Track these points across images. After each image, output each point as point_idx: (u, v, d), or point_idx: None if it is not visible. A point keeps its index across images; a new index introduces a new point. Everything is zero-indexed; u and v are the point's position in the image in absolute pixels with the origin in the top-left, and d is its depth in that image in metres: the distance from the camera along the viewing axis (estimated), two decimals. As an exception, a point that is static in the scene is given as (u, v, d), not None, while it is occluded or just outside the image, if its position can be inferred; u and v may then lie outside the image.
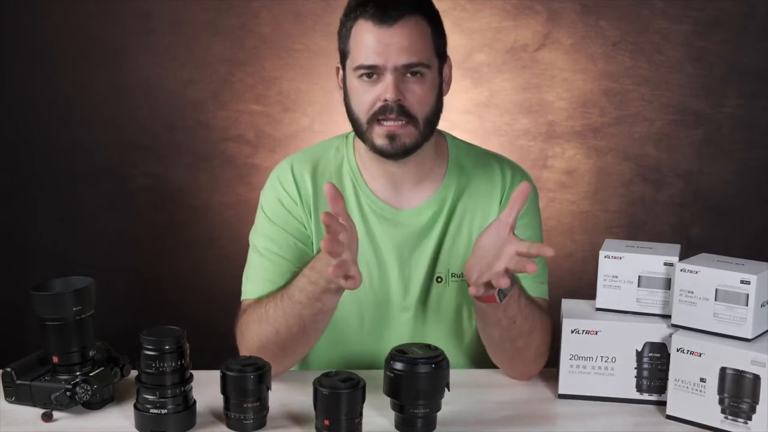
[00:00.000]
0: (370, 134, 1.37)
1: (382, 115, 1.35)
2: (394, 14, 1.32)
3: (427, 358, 1.20)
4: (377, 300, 1.47)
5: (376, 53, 1.33)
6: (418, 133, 1.37)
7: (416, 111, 1.35)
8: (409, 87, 1.35)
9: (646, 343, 1.32)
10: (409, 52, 1.33)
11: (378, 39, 1.33)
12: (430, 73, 1.37)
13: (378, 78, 1.34)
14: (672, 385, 1.27)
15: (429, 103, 1.37)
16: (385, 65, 1.33)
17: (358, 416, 1.19)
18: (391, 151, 1.37)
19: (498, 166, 1.50)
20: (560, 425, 1.30)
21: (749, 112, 2.44)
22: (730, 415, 1.22)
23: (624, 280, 1.35)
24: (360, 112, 1.37)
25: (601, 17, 2.41)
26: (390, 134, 1.35)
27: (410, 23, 1.33)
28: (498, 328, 1.34)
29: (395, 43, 1.32)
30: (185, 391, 1.22)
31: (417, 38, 1.34)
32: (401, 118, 1.34)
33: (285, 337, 1.33)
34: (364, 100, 1.36)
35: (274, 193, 1.47)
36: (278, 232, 1.45)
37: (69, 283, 1.29)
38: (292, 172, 1.47)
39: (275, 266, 1.42)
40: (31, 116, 2.44)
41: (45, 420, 1.26)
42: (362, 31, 1.34)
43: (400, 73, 1.34)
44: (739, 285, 1.23)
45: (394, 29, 1.32)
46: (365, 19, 1.34)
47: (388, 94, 1.33)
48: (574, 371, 1.34)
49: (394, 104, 1.33)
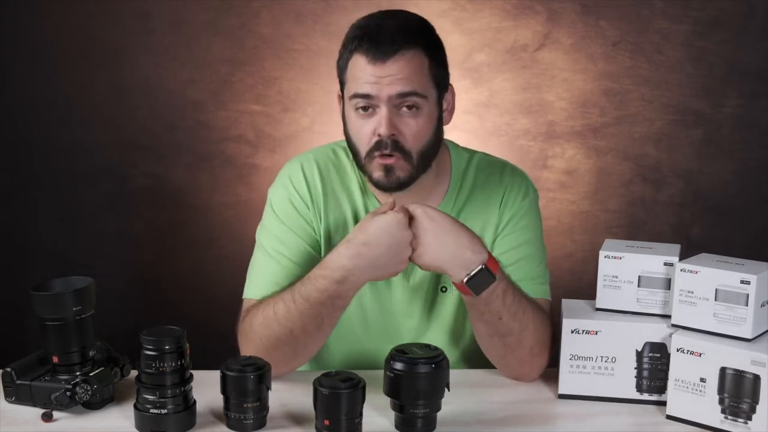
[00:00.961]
0: (369, 168, 1.37)
1: (377, 150, 1.34)
2: (388, 50, 1.31)
3: (427, 358, 1.20)
4: (383, 308, 1.48)
5: (370, 84, 1.33)
6: (412, 168, 1.36)
7: (410, 146, 1.35)
8: (404, 120, 1.34)
9: (646, 343, 1.32)
10: (403, 83, 1.32)
11: (371, 73, 1.32)
12: (427, 105, 1.36)
13: (373, 111, 1.34)
14: (672, 385, 1.27)
15: (425, 137, 1.36)
16: (378, 95, 1.32)
17: (358, 416, 1.19)
18: (387, 184, 1.37)
19: (498, 173, 1.50)
20: (560, 425, 1.30)
21: (749, 112, 2.44)
22: (730, 415, 1.22)
23: (624, 280, 1.35)
24: (359, 147, 1.37)
25: (601, 17, 2.41)
26: (386, 167, 1.35)
27: (406, 57, 1.32)
28: (482, 322, 1.35)
29: (389, 76, 1.32)
30: (185, 391, 1.22)
31: (412, 71, 1.33)
32: (395, 153, 1.34)
33: (299, 337, 1.33)
34: (361, 133, 1.36)
35: (285, 192, 1.47)
36: (288, 233, 1.44)
37: (69, 283, 1.29)
38: (304, 173, 1.47)
39: (282, 268, 1.42)
40: (32, 116, 2.44)
41: (45, 420, 1.26)
42: (357, 66, 1.34)
43: (394, 106, 1.33)
44: (739, 285, 1.23)
45: (387, 64, 1.32)
46: (360, 55, 1.33)
47: (382, 129, 1.33)
48: (574, 371, 1.34)
49: (388, 140, 1.33)
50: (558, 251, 2.48)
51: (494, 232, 1.46)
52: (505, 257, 1.43)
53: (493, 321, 1.33)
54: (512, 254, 1.44)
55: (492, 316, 1.33)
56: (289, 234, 1.44)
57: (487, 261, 1.29)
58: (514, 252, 1.44)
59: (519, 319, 1.34)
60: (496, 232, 1.46)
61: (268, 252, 1.44)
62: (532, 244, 1.46)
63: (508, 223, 1.46)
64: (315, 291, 1.30)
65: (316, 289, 1.30)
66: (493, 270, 1.29)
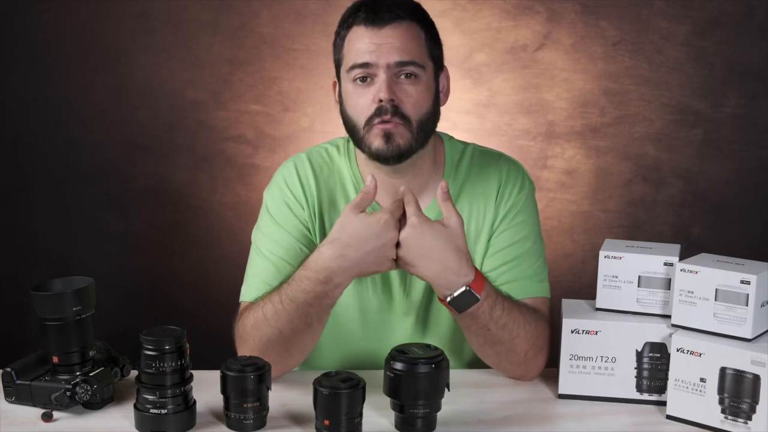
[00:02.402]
0: (367, 138, 1.36)
1: (378, 117, 1.34)
2: (386, 16, 1.34)
3: (427, 358, 1.20)
4: (380, 307, 1.48)
5: (369, 52, 1.34)
6: (412, 136, 1.35)
7: (410, 113, 1.35)
8: (403, 88, 1.35)
9: (646, 343, 1.32)
10: (401, 51, 1.34)
11: (370, 39, 1.34)
12: (425, 74, 1.37)
13: (371, 81, 1.35)
14: (672, 385, 1.27)
15: (424, 105, 1.37)
16: (377, 63, 1.33)
17: (358, 416, 1.19)
18: (387, 152, 1.35)
19: (494, 164, 1.49)
20: (560, 425, 1.30)
21: (749, 112, 2.44)
22: (730, 415, 1.22)
23: (624, 280, 1.35)
24: (356, 117, 1.37)
25: (601, 17, 2.41)
26: (386, 133, 1.34)
27: (403, 25, 1.35)
28: (471, 333, 1.35)
29: (387, 43, 1.33)
30: (185, 391, 1.22)
31: (410, 39, 1.35)
32: (395, 118, 1.34)
33: (290, 337, 1.33)
34: (359, 103, 1.36)
35: (280, 194, 1.47)
36: (283, 235, 1.44)
37: (69, 283, 1.29)
38: (298, 174, 1.47)
39: (278, 270, 1.42)
40: (32, 116, 2.44)
41: (45, 420, 1.26)
42: (355, 36, 1.36)
43: (393, 74, 1.34)
44: (739, 285, 1.23)
45: (386, 30, 1.34)
46: (358, 24, 1.36)
47: (382, 94, 1.33)
48: (574, 371, 1.34)
49: (388, 104, 1.33)
50: (558, 251, 2.48)
51: (491, 228, 1.46)
52: (502, 255, 1.43)
53: (481, 332, 1.33)
54: (509, 252, 1.44)
55: (479, 329, 1.33)
56: (285, 235, 1.44)
57: (473, 282, 1.27)
58: (511, 249, 1.44)
59: (509, 329, 1.33)
60: (492, 228, 1.46)
61: (263, 254, 1.44)
62: (529, 240, 1.45)
63: (504, 218, 1.45)
64: (301, 292, 1.30)
65: (302, 290, 1.30)
66: (478, 291, 1.27)
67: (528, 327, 1.36)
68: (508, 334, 1.34)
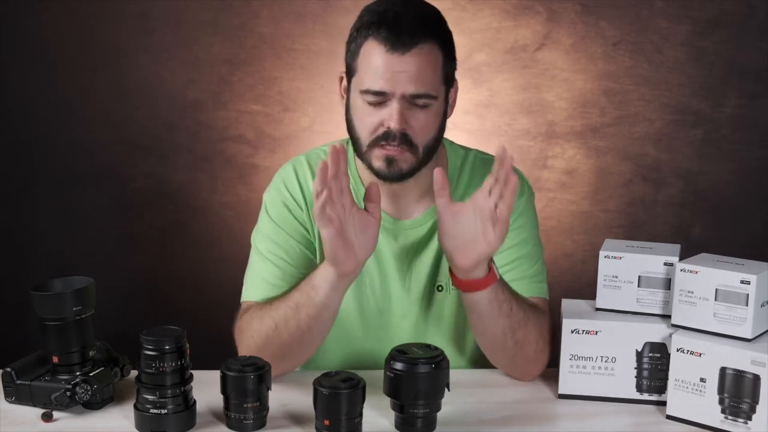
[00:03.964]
0: (369, 156, 1.36)
1: (384, 140, 1.33)
2: (407, 41, 1.29)
3: (427, 358, 1.20)
4: (380, 308, 1.48)
5: (384, 79, 1.30)
6: (416, 160, 1.36)
7: (418, 140, 1.34)
8: (414, 115, 1.33)
9: (646, 343, 1.32)
10: (418, 83, 1.31)
11: (387, 65, 1.30)
12: (437, 102, 1.35)
13: (383, 103, 1.33)
14: (672, 385, 1.27)
15: (432, 131, 1.36)
16: (393, 92, 1.31)
17: (358, 416, 1.19)
18: (387, 174, 1.36)
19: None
20: (560, 425, 1.30)
21: (749, 112, 2.44)
22: (730, 415, 1.22)
23: (624, 280, 1.35)
24: (362, 134, 1.36)
25: (601, 17, 2.41)
26: (389, 158, 1.34)
27: (423, 51, 1.31)
28: (501, 317, 1.33)
29: (405, 72, 1.30)
30: (185, 391, 1.22)
31: (427, 68, 1.32)
32: (402, 146, 1.33)
33: (283, 334, 1.33)
34: (367, 122, 1.34)
35: (279, 196, 1.47)
36: (282, 235, 1.44)
37: (69, 283, 1.29)
38: (297, 176, 1.47)
39: (278, 269, 1.42)
40: (32, 116, 2.44)
41: (45, 420, 1.26)
42: (372, 53, 1.32)
43: (406, 102, 1.32)
44: (739, 285, 1.23)
45: (405, 57, 1.30)
46: (377, 42, 1.31)
47: (393, 123, 1.31)
48: (574, 371, 1.34)
49: (397, 132, 1.32)
50: (558, 251, 2.48)
51: None
52: (502, 257, 1.44)
53: (507, 312, 1.33)
54: (509, 254, 1.44)
55: (507, 307, 1.33)
56: (284, 236, 1.44)
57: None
58: (511, 252, 1.44)
59: (523, 309, 1.35)
60: None
61: (263, 255, 1.44)
62: (528, 243, 1.46)
63: None
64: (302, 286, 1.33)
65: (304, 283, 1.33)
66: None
67: (533, 315, 1.37)
68: (524, 314, 1.35)
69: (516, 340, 1.36)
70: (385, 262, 1.46)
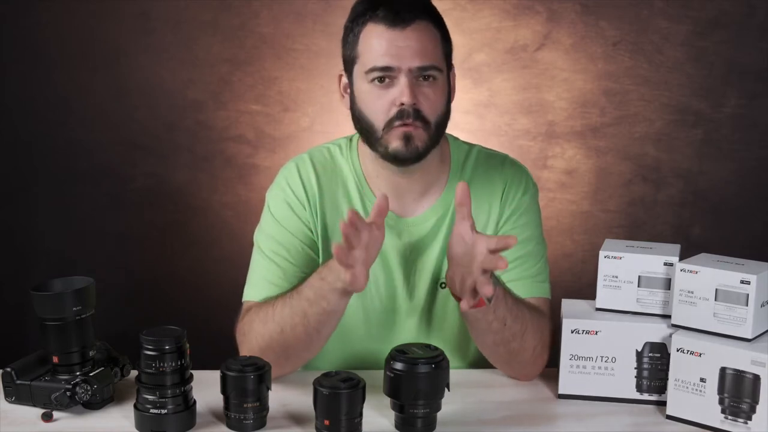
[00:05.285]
0: (385, 139, 1.35)
1: (399, 120, 1.33)
2: (406, 17, 1.31)
3: (427, 358, 1.20)
4: (383, 307, 1.48)
5: (390, 54, 1.32)
6: (429, 138, 1.36)
7: (429, 115, 1.35)
8: (423, 91, 1.34)
9: (646, 343, 1.32)
10: (422, 55, 1.32)
11: (390, 41, 1.32)
12: (442, 77, 1.36)
13: (391, 82, 1.33)
14: (672, 385, 1.27)
15: (441, 107, 1.37)
16: (399, 67, 1.32)
17: (358, 416, 1.19)
18: (405, 153, 1.35)
19: (499, 166, 1.50)
20: (560, 425, 1.30)
21: (749, 112, 2.44)
22: (730, 415, 1.22)
23: (624, 280, 1.35)
24: (374, 118, 1.35)
25: (601, 17, 2.41)
26: (407, 135, 1.34)
27: (422, 26, 1.33)
28: (490, 332, 1.34)
29: (409, 46, 1.31)
30: (185, 391, 1.22)
31: (429, 41, 1.34)
32: (417, 122, 1.33)
33: (289, 337, 1.33)
34: (378, 105, 1.34)
35: (282, 194, 1.47)
36: (285, 234, 1.44)
37: (69, 283, 1.29)
38: (299, 174, 1.47)
39: (280, 269, 1.42)
40: (31, 116, 2.44)
41: (45, 420, 1.26)
42: (373, 34, 1.33)
43: (413, 77, 1.33)
44: (739, 285, 1.23)
45: (407, 32, 1.32)
46: (376, 23, 1.33)
47: (405, 98, 1.32)
48: (574, 371, 1.34)
49: (410, 108, 1.32)
50: (558, 251, 2.48)
51: (495, 229, 1.47)
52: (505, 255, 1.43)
53: (499, 328, 1.33)
54: (512, 252, 1.43)
55: (499, 324, 1.32)
56: (287, 236, 1.44)
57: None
58: (514, 250, 1.43)
59: (521, 320, 1.34)
60: (496, 229, 1.47)
61: (266, 254, 1.44)
62: (532, 242, 1.46)
63: (508, 219, 1.46)
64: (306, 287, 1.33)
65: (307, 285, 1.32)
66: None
67: (533, 319, 1.37)
68: (521, 326, 1.34)
69: (509, 350, 1.36)
70: (390, 260, 1.46)
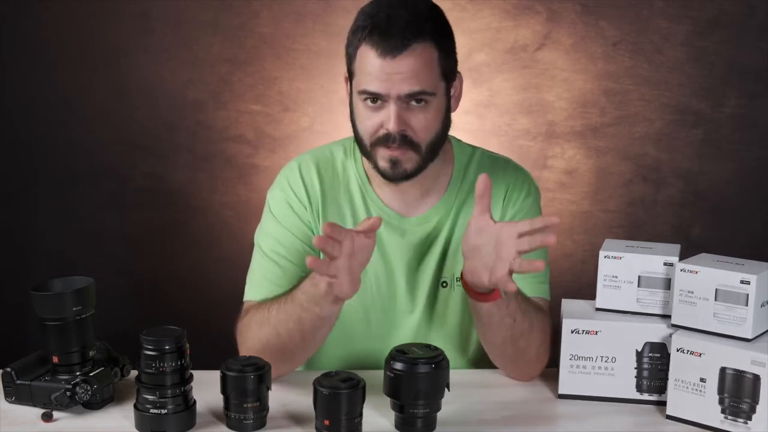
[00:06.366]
0: (373, 156, 1.37)
1: (385, 143, 1.34)
2: (398, 45, 1.29)
3: (427, 358, 1.20)
4: (384, 306, 1.47)
5: (379, 81, 1.30)
6: (420, 159, 1.35)
7: (419, 139, 1.34)
8: (413, 115, 1.33)
9: (646, 343, 1.32)
10: (413, 81, 1.30)
11: (381, 68, 1.30)
12: (435, 99, 1.34)
13: (382, 105, 1.33)
14: (672, 385, 1.27)
15: (433, 129, 1.36)
16: (388, 93, 1.31)
17: (358, 416, 1.19)
18: (392, 175, 1.36)
19: (502, 170, 1.50)
20: (560, 425, 1.30)
21: (749, 112, 2.44)
22: (730, 415, 1.22)
23: (624, 280, 1.35)
24: (364, 135, 1.36)
25: (601, 17, 2.41)
26: (392, 159, 1.34)
27: (416, 52, 1.30)
28: (501, 328, 1.34)
29: (399, 73, 1.30)
30: (185, 391, 1.22)
31: (422, 67, 1.31)
32: (403, 147, 1.33)
33: (285, 340, 1.33)
34: (367, 124, 1.35)
35: (282, 195, 1.47)
36: (286, 235, 1.44)
37: (69, 283, 1.29)
38: (301, 175, 1.47)
39: (280, 269, 1.42)
40: (31, 116, 2.44)
41: (45, 420, 1.26)
42: (366, 58, 1.32)
43: (403, 102, 1.32)
44: (739, 285, 1.23)
45: (397, 60, 1.29)
46: (369, 46, 1.31)
47: (390, 125, 1.32)
48: (574, 371, 1.34)
49: (397, 134, 1.32)
50: (558, 251, 2.48)
51: None
52: None
53: (510, 325, 1.33)
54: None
55: (510, 320, 1.32)
56: (288, 236, 1.44)
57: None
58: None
59: (529, 317, 1.35)
60: None
61: (266, 254, 1.44)
62: None
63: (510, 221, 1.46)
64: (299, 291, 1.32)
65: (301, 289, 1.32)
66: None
67: (539, 317, 1.37)
68: (529, 323, 1.34)
69: (516, 347, 1.36)
70: (392, 259, 1.46)
